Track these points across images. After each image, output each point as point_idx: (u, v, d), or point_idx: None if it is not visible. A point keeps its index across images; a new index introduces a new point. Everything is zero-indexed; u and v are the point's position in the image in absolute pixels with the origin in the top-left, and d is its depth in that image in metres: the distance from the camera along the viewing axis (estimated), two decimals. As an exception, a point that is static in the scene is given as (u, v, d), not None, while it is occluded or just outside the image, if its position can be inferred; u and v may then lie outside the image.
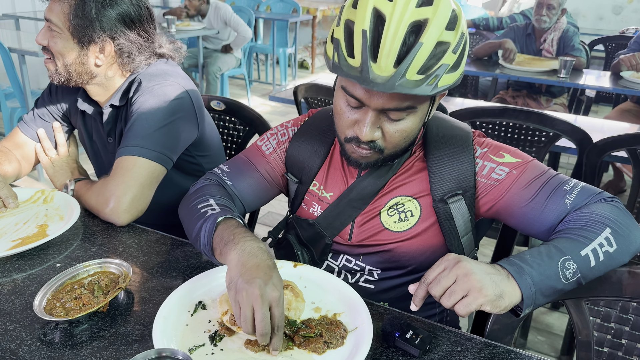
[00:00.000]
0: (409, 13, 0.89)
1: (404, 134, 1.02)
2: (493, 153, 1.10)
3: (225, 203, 1.14)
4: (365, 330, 0.92)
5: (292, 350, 0.92)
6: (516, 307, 0.90)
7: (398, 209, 1.13)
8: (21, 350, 0.90)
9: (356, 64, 0.92)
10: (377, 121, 0.99)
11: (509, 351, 0.94)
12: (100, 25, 1.32)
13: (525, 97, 3.90)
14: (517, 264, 0.88)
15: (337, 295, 1.04)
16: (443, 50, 0.92)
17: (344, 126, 1.04)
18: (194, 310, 1.01)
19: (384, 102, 0.95)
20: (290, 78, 7.06)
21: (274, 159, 1.26)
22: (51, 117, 1.58)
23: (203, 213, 1.09)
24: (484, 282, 0.84)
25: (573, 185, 1.03)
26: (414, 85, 0.91)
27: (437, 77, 0.92)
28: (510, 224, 1.09)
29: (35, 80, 4.71)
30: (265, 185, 1.27)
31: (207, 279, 1.08)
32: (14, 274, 1.12)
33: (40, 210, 1.36)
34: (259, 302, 0.85)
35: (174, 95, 1.39)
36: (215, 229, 1.04)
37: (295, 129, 1.26)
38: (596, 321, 1.06)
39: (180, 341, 0.93)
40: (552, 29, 3.74)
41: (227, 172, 1.25)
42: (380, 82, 0.90)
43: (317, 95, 2.35)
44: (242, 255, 0.94)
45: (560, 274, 0.88)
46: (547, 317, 2.50)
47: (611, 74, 3.63)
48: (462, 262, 0.86)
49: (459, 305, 0.84)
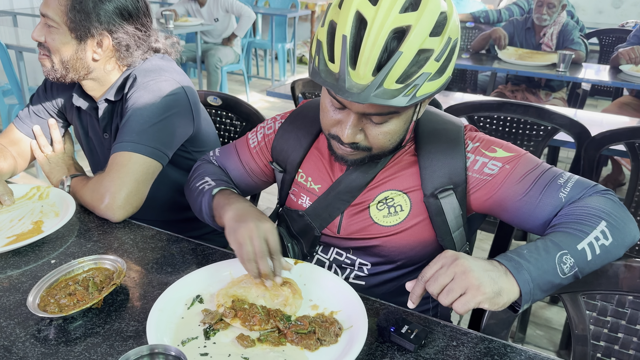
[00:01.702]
0: (392, 19, 0.86)
1: (388, 136, 1.01)
2: (485, 148, 1.09)
3: (220, 177, 1.26)
4: (360, 329, 0.91)
5: (285, 347, 0.92)
6: (514, 302, 0.89)
7: (387, 203, 1.13)
8: (15, 347, 0.90)
9: (335, 69, 0.90)
10: (359, 124, 0.98)
11: (504, 345, 0.94)
12: (97, 18, 1.31)
13: (524, 91, 3.89)
14: (515, 259, 0.87)
15: (335, 294, 1.04)
16: (425, 57, 0.89)
17: (328, 124, 1.03)
18: (191, 303, 1.01)
19: (364, 107, 0.94)
20: (289, 73, 7.05)
21: (256, 152, 1.29)
22: (46, 114, 1.58)
23: (201, 189, 1.22)
24: (482, 280, 0.83)
25: (567, 178, 1.02)
26: (390, 96, 0.88)
27: (416, 87, 0.89)
28: (504, 219, 1.08)
29: (33, 76, 4.70)
30: (247, 176, 1.32)
31: (207, 274, 1.08)
32: (9, 270, 1.12)
33: (36, 207, 1.35)
34: (255, 232, 0.99)
35: (169, 91, 1.39)
36: (213, 199, 1.17)
37: (283, 121, 1.27)
38: (592, 315, 1.05)
39: (174, 333, 0.93)
40: (552, 23, 3.73)
41: (218, 156, 1.35)
42: (355, 91, 0.88)
43: (314, 91, 2.34)
44: (236, 210, 1.07)
45: (558, 269, 0.88)
46: (546, 311, 2.50)
47: (610, 68, 3.62)
48: (460, 259, 0.85)
49: (457, 303, 0.83)
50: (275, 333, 0.94)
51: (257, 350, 0.91)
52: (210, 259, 1.18)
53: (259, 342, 0.92)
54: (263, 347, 0.91)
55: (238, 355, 0.89)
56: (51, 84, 1.57)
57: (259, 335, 0.94)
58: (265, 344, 0.92)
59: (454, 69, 1.01)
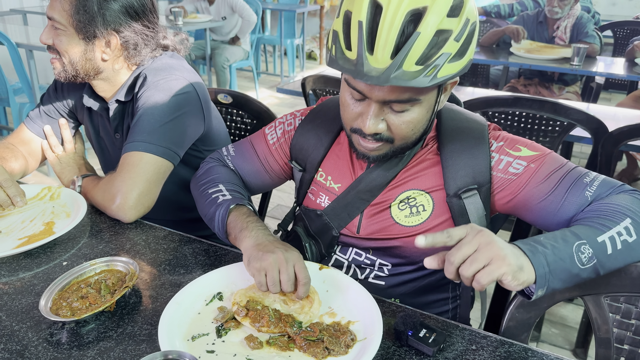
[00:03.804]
0: (407, 1, 0.86)
1: (411, 125, 0.99)
2: (509, 147, 1.06)
3: (234, 188, 1.22)
4: (372, 342, 0.87)
5: (292, 352, 0.89)
6: (528, 290, 0.87)
7: (409, 203, 1.10)
8: (27, 351, 0.89)
9: (352, 56, 0.90)
10: (380, 113, 0.97)
11: (525, 349, 0.91)
12: (103, 18, 1.29)
13: (537, 85, 3.84)
14: (531, 243, 0.86)
15: (356, 304, 0.99)
16: (444, 38, 0.88)
17: (349, 118, 1.02)
18: (210, 300, 1.01)
19: (384, 94, 0.93)
20: (299, 69, 7.02)
21: (275, 149, 1.27)
22: (57, 114, 1.57)
23: (214, 199, 1.18)
24: (507, 252, 0.81)
25: (593, 177, 1.00)
26: (411, 77, 0.87)
27: (437, 67, 0.88)
28: (527, 219, 1.06)
29: (43, 75, 4.72)
30: (265, 173, 1.29)
31: (232, 272, 1.07)
32: (21, 272, 1.11)
33: (47, 208, 1.35)
34: (284, 263, 0.96)
35: (179, 90, 1.37)
36: (228, 216, 1.13)
37: (303, 118, 1.25)
38: (616, 318, 1.02)
39: (187, 328, 0.93)
40: (566, 16, 3.68)
41: (233, 155, 1.32)
42: (374, 74, 0.87)
43: (325, 87, 2.32)
44: (257, 239, 1.04)
45: (575, 257, 0.86)
46: (562, 309, 2.46)
47: (626, 60, 3.56)
48: (485, 231, 0.84)
49: (481, 273, 0.80)
50: (284, 337, 0.92)
51: (264, 352, 0.89)
52: (223, 259, 1.16)
53: (267, 345, 0.90)
54: (270, 351, 0.90)
55: (243, 356, 0.88)
56: (62, 84, 1.56)
57: (268, 337, 0.92)
58: (273, 348, 0.90)
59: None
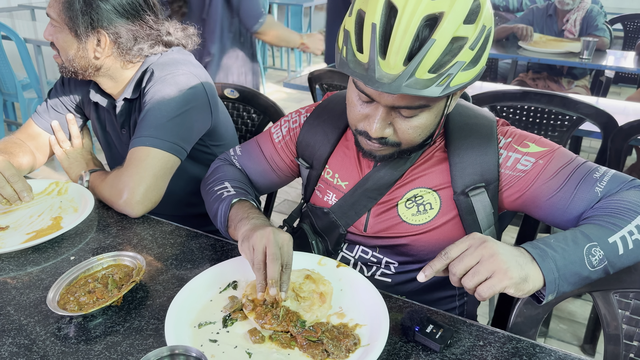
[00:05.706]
0: (423, 6, 0.83)
1: (418, 130, 0.97)
2: (518, 143, 1.05)
3: (239, 185, 1.22)
4: (373, 350, 0.85)
5: (292, 351, 0.89)
6: (539, 293, 0.86)
7: (417, 201, 1.09)
8: (35, 345, 0.89)
9: (364, 60, 0.87)
10: (388, 117, 0.95)
11: (533, 345, 0.91)
12: (91, 17, 1.29)
13: (546, 79, 3.80)
14: (541, 247, 0.85)
15: (367, 307, 0.97)
16: (459, 46, 0.85)
17: (355, 119, 1.00)
18: (224, 288, 1.02)
19: (394, 100, 0.90)
20: (305, 64, 7.00)
21: (281, 147, 1.26)
22: (64, 109, 1.57)
23: (219, 195, 1.18)
24: (510, 264, 0.80)
25: (603, 172, 0.98)
26: (423, 86, 0.84)
27: (450, 76, 0.85)
28: (537, 216, 1.04)
29: (52, 70, 4.73)
30: (272, 172, 1.29)
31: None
32: (29, 267, 1.11)
33: (55, 202, 1.35)
34: (271, 241, 0.94)
35: (187, 85, 1.37)
36: (230, 209, 1.13)
37: (308, 115, 1.24)
38: (625, 314, 1.01)
39: (197, 314, 0.95)
40: (576, 9, 3.64)
41: (239, 155, 1.31)
42: (386, 82, 0.84)
43: (332, 82, 2.31)
44: (254, 225, 1.02)
45: (586, 260, 0.85)
46: (570, 305, 2.45)
47: (636, 54, 3.52)
48: (488, 242, 0.83)
49: (482, 286, 0.80)
50: (287, 334, 0.92)
51: (264, 347, 0.89)
52: (230, 255, 1.16)
53: (269, 340, 0.90)
54: (270, 346, 0.89)
55: (243, 348, 0.88)
56: (69, 80, 1.56)
57: (271, 333, 0.92)
58: (274, 343, 0.90)
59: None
